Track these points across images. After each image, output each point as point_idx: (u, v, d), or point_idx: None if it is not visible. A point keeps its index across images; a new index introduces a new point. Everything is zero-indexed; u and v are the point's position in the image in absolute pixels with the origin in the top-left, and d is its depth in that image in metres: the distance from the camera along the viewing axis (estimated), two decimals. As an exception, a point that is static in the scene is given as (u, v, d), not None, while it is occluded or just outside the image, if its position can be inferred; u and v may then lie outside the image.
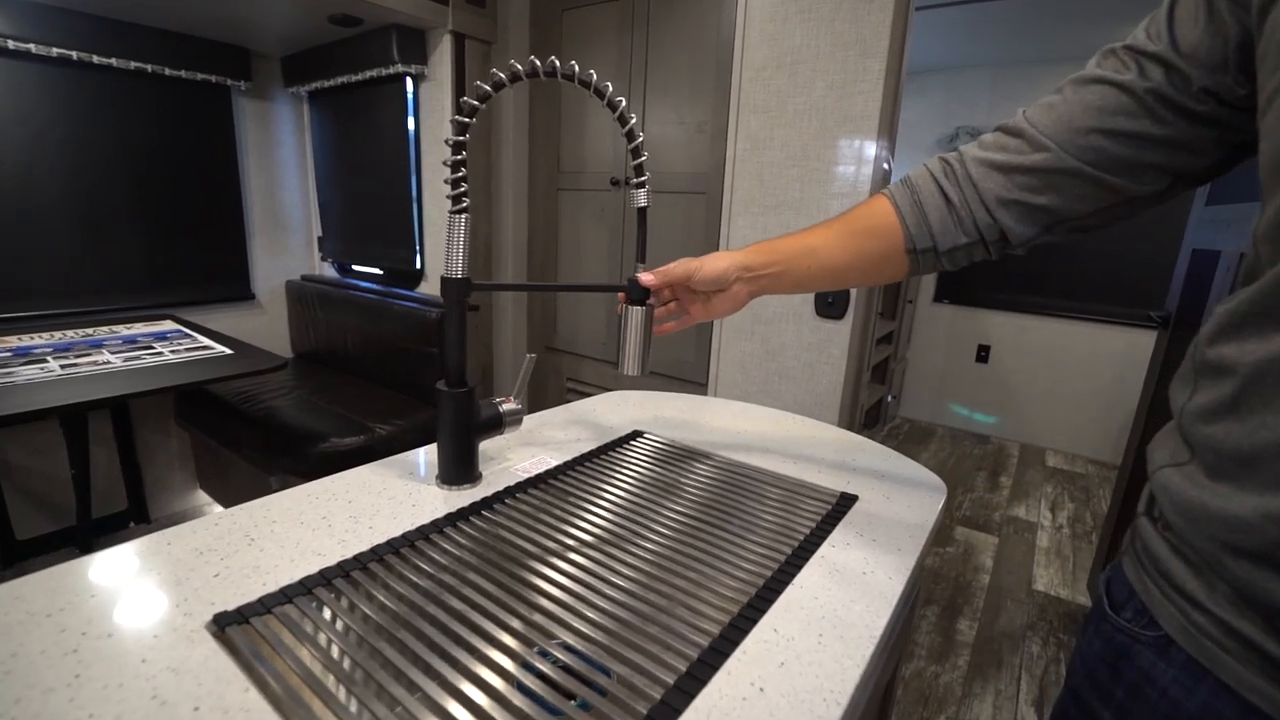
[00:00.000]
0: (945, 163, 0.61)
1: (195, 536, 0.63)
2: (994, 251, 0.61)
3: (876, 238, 0.65)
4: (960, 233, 0.60)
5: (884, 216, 0.64)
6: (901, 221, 0.63)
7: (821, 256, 0.68)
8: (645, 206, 0.76)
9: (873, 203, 0.66)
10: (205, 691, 0.44)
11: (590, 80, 0.66)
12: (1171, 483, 0.43)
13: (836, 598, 0.58)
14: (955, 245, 0.61)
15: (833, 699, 0.46)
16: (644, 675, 0.48)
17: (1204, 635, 0.41)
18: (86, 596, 0.53)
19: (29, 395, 1.29)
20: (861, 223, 0.67)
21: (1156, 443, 0.48)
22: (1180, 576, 0.43)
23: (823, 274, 0.69)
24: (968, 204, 0.59)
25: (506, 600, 0.57)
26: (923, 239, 0.62)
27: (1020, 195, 0.56)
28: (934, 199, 0.61)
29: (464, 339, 0.73)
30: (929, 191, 0.62)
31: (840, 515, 0.74)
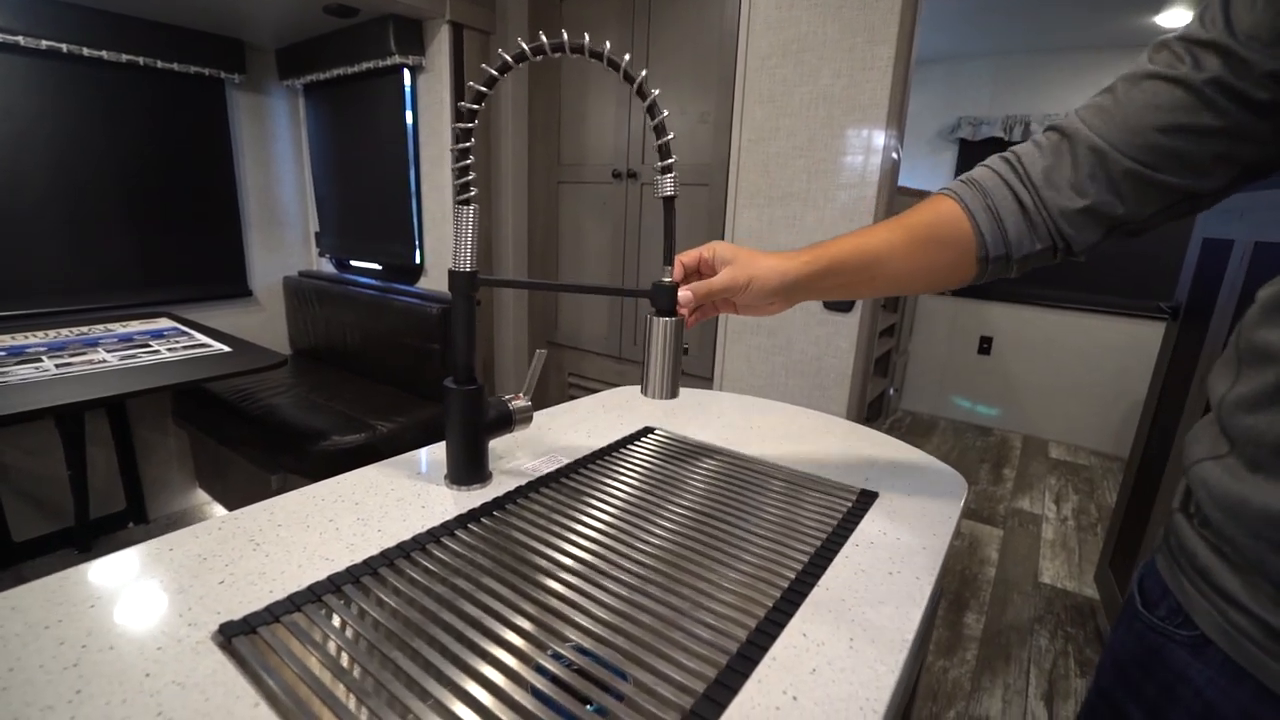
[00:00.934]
0: (1009, 164, 0.57)
1: (198, 541, 0.61)
2: (1060, 257, 0.58)
3: (948, 247, 0.60)
4: (1035, 240, 0.56)
5: (956, 224, 0.59)
6: (975, 228, 0.58)
7: (888, 270, 0.62)
8: (673, 196, 0.63)
9: (939, 206, 0.61)
10: (213, 707, 0.42)
11: (603, 52, 0.60)
12: (1211, 476, 0.41)
13: (864, 599, 0.56)
14: (1029, 253, 0.57)
15: (869, 706, 0.44)
16: (669, 683, 0.46)
17: (1244, 636, 0.39)
18: (86, 606, 0.51)
19: (24, 395, 1.26)
20: (931, 230, 0.61)
21: (1194, 435, 0.46)
22: (1219, 575, 0.41)
23: (885, 286, 0.65)
24: (1040, 209, 0.55)
25: (521, 604, 0.55)
26: (997, 247, 0.58)
27: (1083, 203, 0.53)
28: (1008, 203, 0.57)
29: (472, 334, 0.71)
30: (1002, 196, 0.57)
31: (862, 513, 0.72)
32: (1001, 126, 3.40)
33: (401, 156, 2.20)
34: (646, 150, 1.97)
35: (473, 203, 0.67)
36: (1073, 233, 0.54)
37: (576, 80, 2.09)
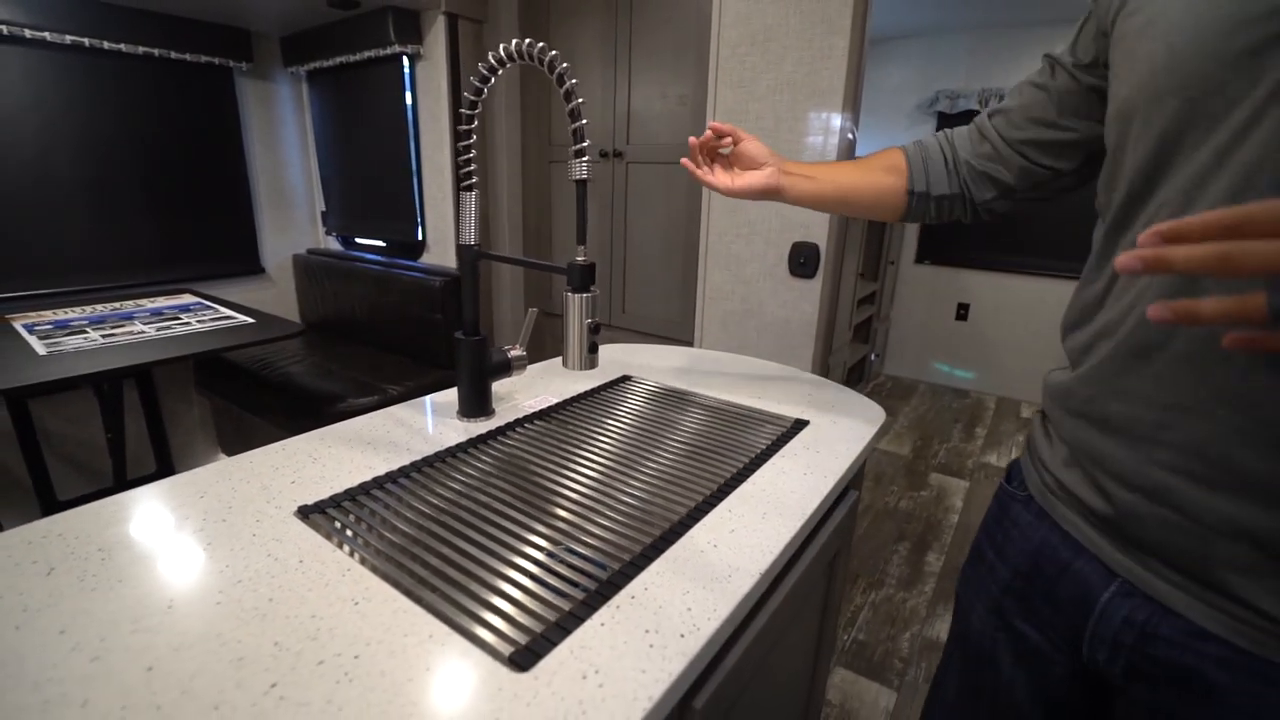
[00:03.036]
0: (945, 135, 0.79)
1: (269, 457, 0.79)
2: (968, 211, 0.77)
3: (889, 173, 0.80)
4: (948, 185, 0.77)
5: (897, 159, 0.80)
6: (909, 165, 0.79)
7: (841, 176, 0.83)
8: (585, 179, 0.73)
9: (890, 150, 0.82)
10: (304, 552, 0.60)
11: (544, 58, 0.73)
12: (1052, 378, 0.61)
13: (780, 490, 0.74)
14: (943, 194, 0.77)
15: (768, 549, 0.62)
16: (628, 539, 0.64)
17: (1047, 489, 0.60)
18: (197, 498, 0.69)
19: (88, 360, 1.43)
20: (879, 161, 0.82)
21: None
22: (1041, 448, 0.62)
23: (836, 191, 0.82)
24: (956, 166, 0.76)
25: (518, 500, 0.73)
26: (920, 183, 0.78)
27: (980, 167, 0.74)
28: (936, 155, 0.77)
29: (477, 295, 0.88)
30: (933, 149, 0.78)
31: (792, 435, 0.90)
32: (978, 99, 3.53)
33: (402, 140, 2.34)
34: (631, 130, 2.12)
35: (474, 189, 0.83)
36: (974, 188, 0.75)
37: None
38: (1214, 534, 0.45)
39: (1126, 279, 0.51)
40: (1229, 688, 0.46)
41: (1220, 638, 0.46)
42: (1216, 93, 0.44)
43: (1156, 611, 0.50)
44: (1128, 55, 0.52)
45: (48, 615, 0.50)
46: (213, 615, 0.51)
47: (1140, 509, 0.49)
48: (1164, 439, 0.47)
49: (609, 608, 0.53)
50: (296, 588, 0.54)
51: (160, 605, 0.52)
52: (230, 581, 0.55)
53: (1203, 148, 0.45)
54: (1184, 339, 0.45)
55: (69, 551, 0.58)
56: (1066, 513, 0.58)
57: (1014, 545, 0.63)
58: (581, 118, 0.70)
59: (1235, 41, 0.43)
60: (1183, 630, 0.48)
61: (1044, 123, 0.66)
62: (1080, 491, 0.55)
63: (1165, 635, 0.49)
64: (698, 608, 0.54)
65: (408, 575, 0.57)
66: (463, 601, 0.54)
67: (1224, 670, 0.46)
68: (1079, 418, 0.55)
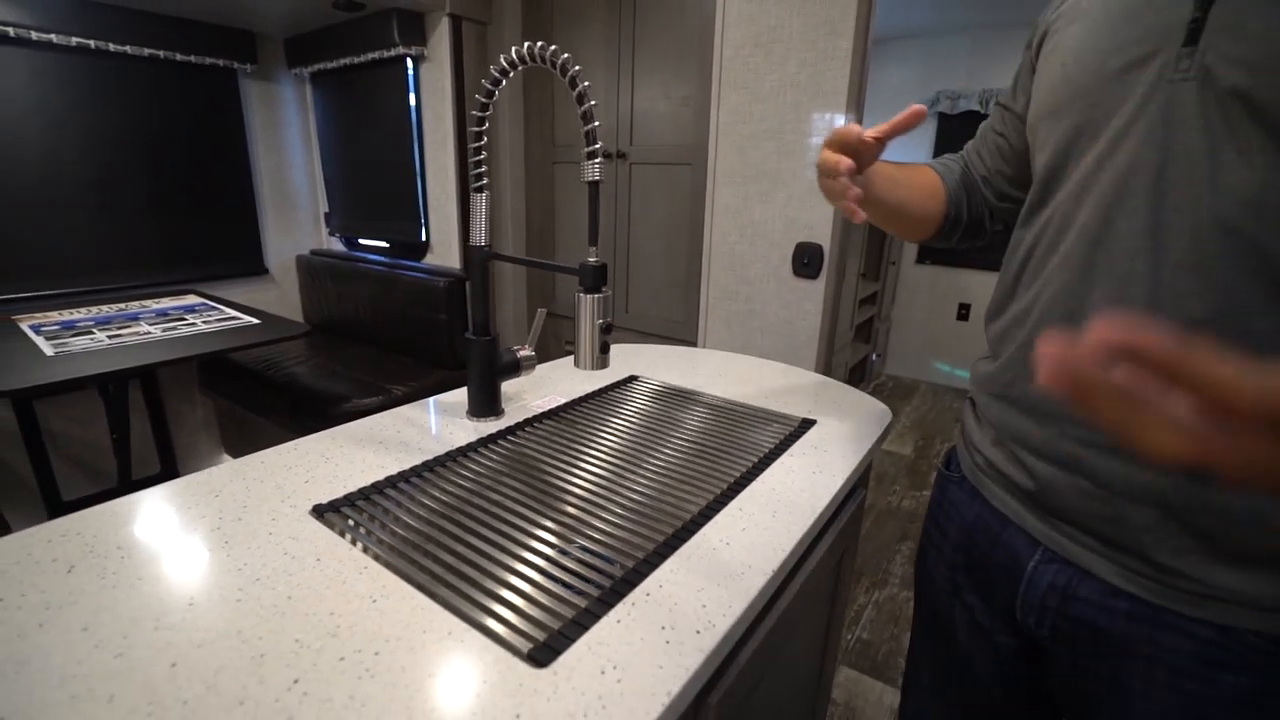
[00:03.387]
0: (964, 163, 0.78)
1: (281, 457, 0.79)
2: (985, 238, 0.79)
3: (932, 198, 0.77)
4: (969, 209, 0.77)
5: (932, 178, 0.77)
6: (945, 189, 0.77)
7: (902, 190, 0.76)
8: (597, 181, 0.73)
9: (923, 169, 0.79)
10: (321, 550, 0.60)
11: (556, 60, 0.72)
12: (977, 366, 0.67)
13: (790, 489, 0.75)
14: (969, 220, 0.77)
15: (780, 547, 0.63)
16: (641, 536, 0.65)
17: (978, 469, 0.66)
18: (213, 497, 0.69)
19: (95, 361, 1.44)
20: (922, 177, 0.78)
21: None
22: (971, 432, 0.67)
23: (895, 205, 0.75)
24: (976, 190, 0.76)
25: (528, 500, 0.73)
26: (954, 206, 0.76)
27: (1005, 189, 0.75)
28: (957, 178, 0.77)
29: (487, 296, 0.88)
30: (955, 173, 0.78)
31: (800, 435, 0.91)
32: (979, 100, 3.53)
33: (406, 141, 2.35)
34: (635, 131, 2.12)
35: (485, 191, 0.84)
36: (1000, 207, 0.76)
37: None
38: (1121, 498, 0.50)
39: (1032, 271, 0.57)
40: (1134, 637, 0.52)
41: (1129, 593, 0.52)
42: (1098, 107, 0.51)
43: (1076, 574, 0.55)
44: (1038, 76, 0.60)
45: (70, 613, 0.51)
46: (233, 613, 0.51)
47: (1057, 481, 0.54)
48: (1074, 415, 0.52)
49: (625, 604, 0.54)
50: (315, 585, 0.55)
51: (181, 603, 0.52)
52: (249, 579, 0.55)
53: (1088, 155, 0.51)
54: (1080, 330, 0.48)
55: (88, 550, 0.59)
56: (994, 489, 0.63)
57: (953, 524, 0.69)
58: (594, 120, 0.70)
59: (1111, 63, 0.50)
60: (1099, 590, 0.53)
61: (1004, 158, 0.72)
62: (1005, 468, 0.61)
63: (1084, 596, 0.54)
64: (712, 605, 0.54)
65: (424, 573, 0.58)
66: (479, 598, 0.55)
67: (1132, 622, 0.52)
68: (1001, 400, 0.61)
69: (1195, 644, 0.49)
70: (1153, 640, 0.51)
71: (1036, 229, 0.58)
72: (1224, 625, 0.48)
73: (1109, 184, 0.49)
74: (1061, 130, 0.54)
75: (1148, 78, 0.47)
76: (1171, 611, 0.50)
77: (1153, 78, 0.47)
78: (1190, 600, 0.49)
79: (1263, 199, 0.43)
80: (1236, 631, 0.48)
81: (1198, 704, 0.50)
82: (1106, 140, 0.50)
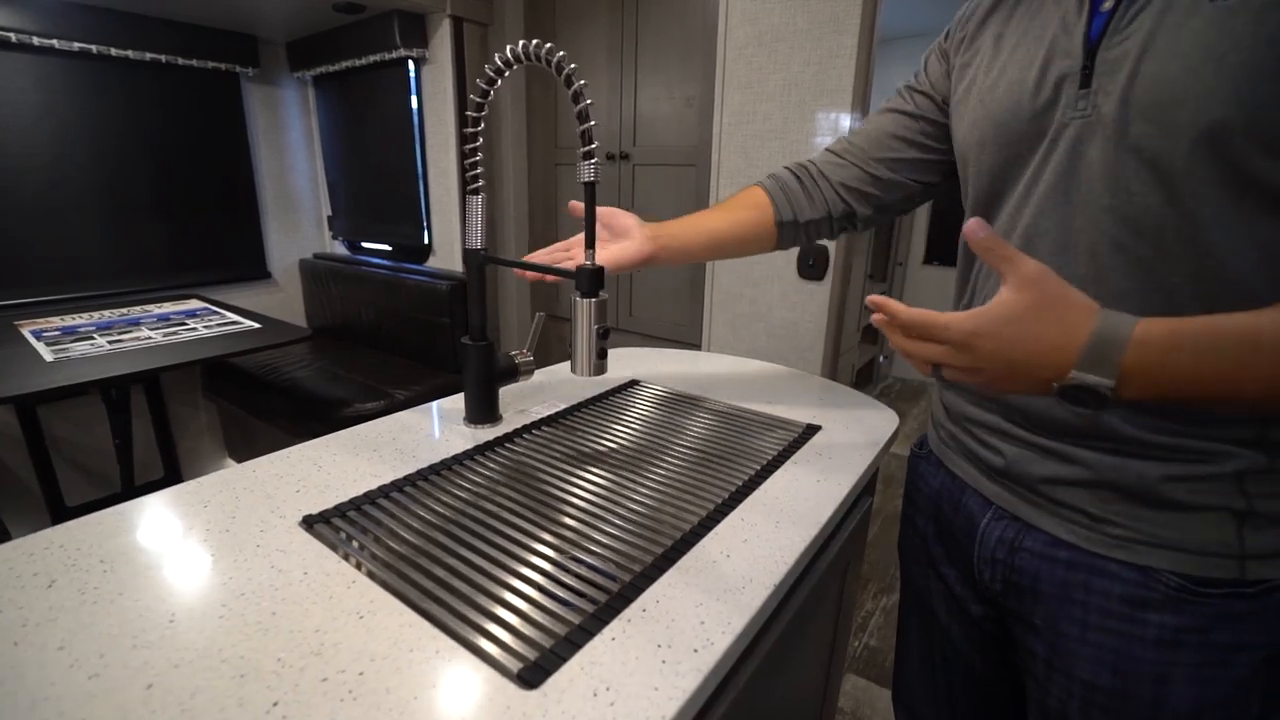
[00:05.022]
0: (800, 166, 0.86)
1: (273, 465, 0.78)
2: (837, 228, 0.86)
3: (752, 210, 0.86)
4: (811, 210, 0.84)
5: (759, 196, 0.86)
6: (771, 200, 0.85)
7: (707, 224, 0.88)
8: (593, 181, 0.70)
9: (748, 189, 0.88)
10: (309, 563, 0.58)
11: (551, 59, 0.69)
12: None
13: (794, 498, 0.73)
14: (810, 219, 0.84)
15: (783, 560, 0.61)
16: (640, 548, 0.63)
17: (941, 442, 0.74)
18: (200, 507, 0.68)
19: (93, 367, 1.43)
20: (740, 201, 0.87)
21: None
22: (936, 411, 0.76)
23: (708, 241, 0.87)
24: (819, 189, 0.83)
25: (525, 509, 0.71)
26: (786, 213, 0.84)
27: (857, 185, 0.82)
28: (793, 184, 0.85)
29: (484, 300, 0.87)
30: (788, 179, 0.85)
31: (804, 441, 0.89)
32: (986, 99, 3.50)
33: (408, 143, 2.34)
34: (638, 132, 2.11)
35: (481, 193, 0.82)
36: (853, 203, 0.82)
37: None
38: (1056, 460, 0.58)
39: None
40: (1071, 583, 0.58)
41: (1068, 543, 0.58)
42: (1020, 141, 0.58)
43: (1022, 528, 0.62)
44: (960, 105, 0.66)
45: (47, 630, 0.49)
46: (215, 630, 0.50)
47: (1002, 447, 0.63)
48: (1010, 402, 0.61)
49: (620, 621, 0.52)
50: (300, 600, 0.53)
51: (162, 619, 0.51)
52: (233, 594, 0.54)
53: (1019, 184, 0.59)
54: None
55: (70, 563, 0.57)
56: (954, 458, 0.71)
57: (923, 496, 0.76)
58: (590, 119, 0.68)
59: (1025, 106, 0.57)
60: (1042, 541, 0.60)
61: (908, 142, 0.77)
62: (962, 438, 0.69)
63: (1028, 547, 0.61)
64: (711, 621, 0.52)
65: (414, 587, 0.56)
66: (469, 615, 0.53)
67: (1070, 570, 0.58)
68: (955, 389, 0.69)
69: (1122, 585, 0.55)
70: (1086, 586, 0.57)
71: None
72: (1145, 566, 0.54)
73: (1034, 209, 0.57)
74: (989, 162, 0.61)
75: (1056, 116, 0.55)
76: (1102, 557, 0.56)
77: (1059, 115, 0.54)
78: (1117, 544, 0.55)
79: (1142, 219, 0.50)
80: (1156, 572, 0.53)
81: (1126, 643, 0.55)
82: (1031, 171, 0.57)
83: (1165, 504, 0.53)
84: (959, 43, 0.69)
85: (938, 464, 0.74)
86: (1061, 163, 0.54)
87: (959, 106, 0.67)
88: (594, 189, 0.70)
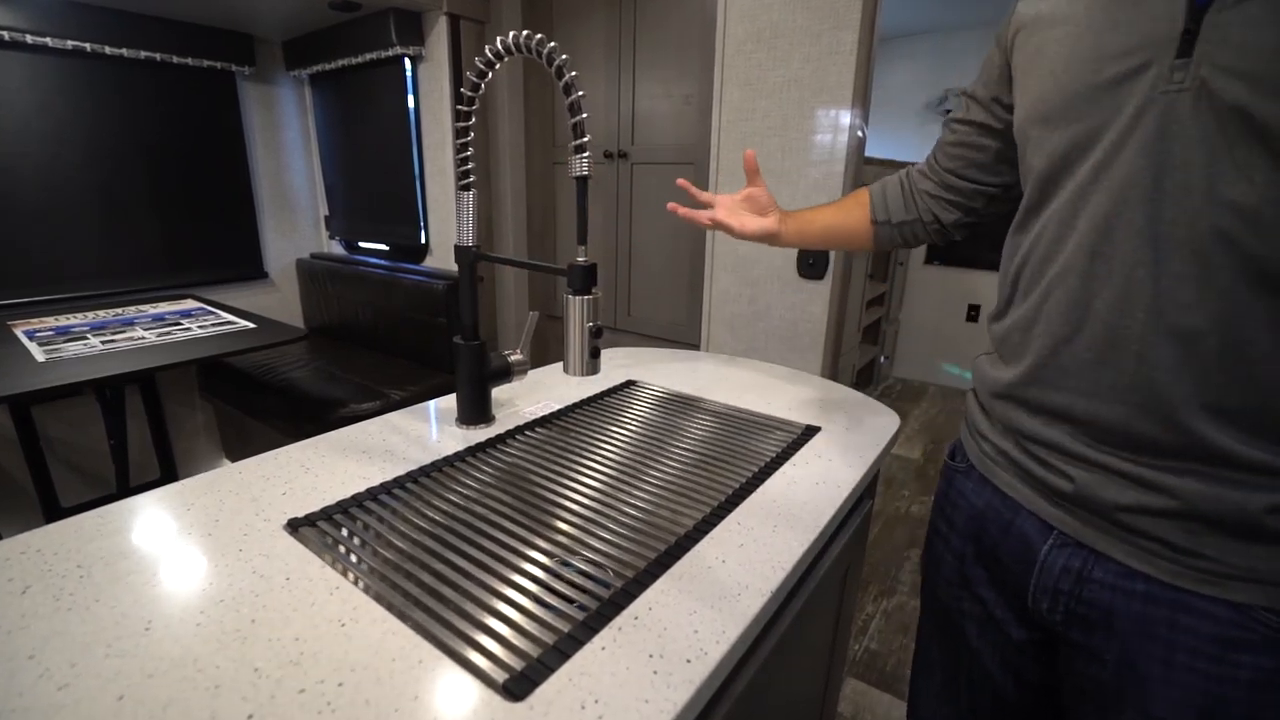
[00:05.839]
0: (904, 172, 0.85)
1: (260, 467, 0.76)
2: (931, 233, 0.83)
3: (859, 208, 0.88)
4: (905, 212, 0.83)
5: (865, 196, 0.88)
6: (870, 199, 0.87)
7: (823, 216, 0.91)
8: (586, 176, 0.70)
9: (861, 190, 0.90)
10: (291, 568, 0.57)
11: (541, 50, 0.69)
12: (979, 364, 0.68)
13: (792, 501, 0.71)
14: (903, 220, 0.84)
15: (780, 565, 0.59)
16: (633, 553, 0.61)
17: (986, 457, 0.66)
18: (184, 510, 0.66)
19: (85, 367, 1.42)
20: (852, 199, 0.90)
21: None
22: (979, 421, 0.68)
23: (821, 229, 0.91)
24: (914, 195, 0.83)
25: (516, 511, 0.69)
26: (881, 213, 0.85)
27: (935, 193, 0.80)
28: (894, 187, 0.85)
29: (475, 298, 0.85)
30: (892, 183, 0.86)
31: (804, 442, 0.87)
32: (987, 98, 3.48)
33: (405, 142, 2.32)
34: (636, 131, 2.09)
35: (472, 189, 0.81)
36: (939, 212, 0.81)
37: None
38: (1135, 487, 0.52)
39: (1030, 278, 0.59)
40: (1152, 619, 0.52)
41: (1145, 574, 0.53)
42: (1091, 118, 0.51)
43: (1090, 557, 0.56)
44: (1021, 82, 0.61)
45: (18, 638, 0.48)
46: (191, 638, 0.48)
47: (1070, 470, 0.56)
48: (1078, 416, 0.54)
49: (610, 629, 0.50)
50: (281, 607, 0.52)
51: (137, 627, 0.49)
52: (212, 600, 0.52)
53: (1083, 166, 0.52)
54: (1085, 339, 0.53)
55: (46, 569, 0.56)
56: (1005, 476, 0.63)
57: (961, 514, 0.69)
58: (582, 112, 0.66)
59: (1104, 72, 0.50)
60: (1114, 572, 0.54)
61: (974, 147, 0.73)
62: (1017, 456, 0.61)
63: (1098, 578, 0.55)
64: (705, 630, 0.50)
65: (399, 594, 0.54)
66: (456, 623, 0.51)
67: (1149, 604, 0.52)
68: (1006, 399, 0.62)
69: (1213, 624, 0.50)
70: (1170, 622, 0.52)
71: (1032, 235, 0.59)
72: (1240, 604, 0.49)
73: (1106, 195, 0.50)
74: (1056, 139, 0.55)
75: (1141, 88, 0.48)
76: (1188, 591, 0.51)
77: (1146, 89, 0.48)
78: (1207, 579, 0.50)
79: (1260, 211, 0.43)
80: (1252, 610, 0.49)
81: (1216, 685, 0.50)
82: (1102, 150, 0.51)
83: (1266, 537, 0.48)
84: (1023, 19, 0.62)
85: (981, 481, 0.67)
86: (1147, 144, 0.48)
87: (1022, 79, 0.61)
88: (586, 183, 0.68)
